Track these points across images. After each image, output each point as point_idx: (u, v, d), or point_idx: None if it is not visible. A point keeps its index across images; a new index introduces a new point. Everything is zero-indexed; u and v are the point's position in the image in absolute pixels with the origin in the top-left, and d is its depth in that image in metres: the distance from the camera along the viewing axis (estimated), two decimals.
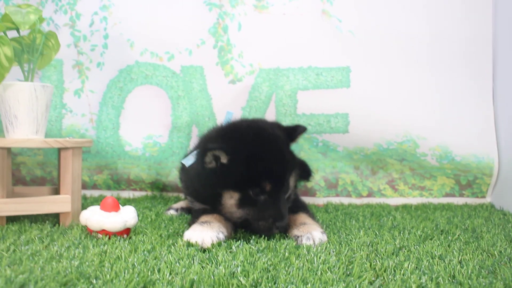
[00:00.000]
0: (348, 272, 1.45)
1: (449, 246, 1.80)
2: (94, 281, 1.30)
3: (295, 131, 2.07)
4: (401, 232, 2.04)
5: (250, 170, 1.82)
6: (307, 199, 2.90)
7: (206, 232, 1.73)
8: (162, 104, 2.93)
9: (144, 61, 2.92)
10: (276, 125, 2.08)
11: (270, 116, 2.88)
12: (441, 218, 2.41)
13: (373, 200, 2.96)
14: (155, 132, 2.94)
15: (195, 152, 1.96)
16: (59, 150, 2.20)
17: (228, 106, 2.88)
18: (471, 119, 2.91)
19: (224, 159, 1.82)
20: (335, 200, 2.97)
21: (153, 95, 2.93)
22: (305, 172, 2.61)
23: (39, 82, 2.31)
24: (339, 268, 1.47)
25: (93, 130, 2.92)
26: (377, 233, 2.02)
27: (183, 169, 2.35)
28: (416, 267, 1.51)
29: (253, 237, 1.85)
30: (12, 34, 2.20)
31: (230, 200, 1.87)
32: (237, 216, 1.90)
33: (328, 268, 1.46)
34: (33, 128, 2.17)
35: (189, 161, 1.96)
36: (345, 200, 2.96)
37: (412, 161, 2.92)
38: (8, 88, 2.11)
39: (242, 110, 2.89)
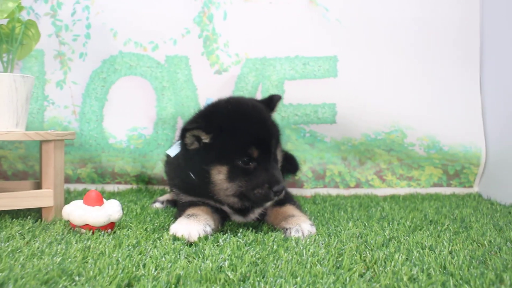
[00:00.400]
0: (338, 265, 1.42)
1: (439, 236, 1.78)
2: (77, 278, 1.26)
3: (272, 100, 2.07)
4: (390, 223, 2.02)
5: (234, 140, 1.80)
6: (294, 191, 2.87)
7: (192, 226, 1.69)
8: (147, 95, 2.88)
9: (128, 51, 2.86)
10: (253, 99, 2.10)
11: None
12: (429, 208, 2.40)
13: (361, 191, 2.94)
14: (140, 124, 2.89)
15: (178, 142, 1.92)
16: (41, 143, 2.14)
17: (214, 97, 2.82)
18: (458, 108, 2.90)
19: (205, 138, 1.81)
20: (323, 191, 2.94)
21: (137, 86, 2.87)
22: (292, 166, 2.58)
23: (19, 73, 2.25)
24: (328, 260, 1.45)
25: (76, 123, 2.85)
26: (366, 224, 2.00)
27: (168, 161, 2.33)
28: (407, 258, 1.49)
29: (241, 230, 1.82)
30: None
31: (219, 175, 1.82)
32: (231, 192, 1.83)
33: (317, 261, 1.44)
34: (13, 121, 2.10)
35: (173, 151, 1.93)
36: (333, 191, 2.94)
37: (400, 151, 2.90)
38: None
39: None
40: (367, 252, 1.54)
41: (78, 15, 2.84)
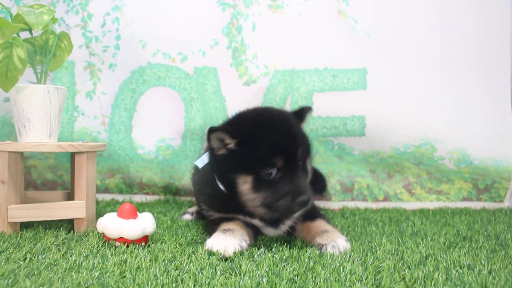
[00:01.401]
0: (378, 283, 1.40)
1: (476, 254, 1.75)
2: None
3: (302, 111, 2.01)
4: (424, 239, 1.99)
5: (259, 150, 1.76)
6: (321, 203, 2.85)
7: (229, 240, 1.68)
8: (175, 106, 2.88)
9: (157, 62, 2.87)
10: (281, 109, 2.04)
11: None
12: (461, 224, 2.36)
13: (389, 205, 2.90)
14: (168, 135, 2.89)
15: (207, 153, 1.92)
16: (73, 154, 2.15)
17: (242, 108, 2.83)
18: (489, 121, 2.86)
19: (230, 143, 1.79)
20: (351, 204, 2.91)
21: (166, 97, 2.88)
22: (320, 184, 2.54)
23: (52, 85, 2.27)
24: (367, 278, 1.43)
25: (105, 133, 2.87)
26: (400, 240, 1.97)
27: (195, 175, 2.32)
28: (447, 278, 1.46)
29: (275, 244, 1.80)
30: (24, 35, 2.16)
31: (245, 185, 1.79)
32: (258, 203, 1.80)
33: (356, 279, 1.42)
34: (46, 132, 2.13)
35: (202, 162, 1.92)
36: (361, 205, 2.91)
37: (429, 165, 2.87)
38: (21, 91, 2.07)
39: None
40: (405, 270, 1.51)
41: (108, 27, 2.86)
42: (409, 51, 2.86)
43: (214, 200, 1.98)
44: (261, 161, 1.76)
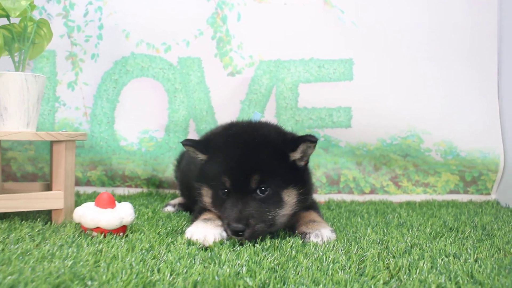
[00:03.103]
0: (361, 272, 1.36)
1: (462, 244, 1.71)
2: (89, 283, 1.20)
3: (295, 140, 1.75)
4: (410, 230, 1.96)
5: (216, 167, 1.75)
6: None
7: (209, 230, 1.64)
8: (159, 98, 2.83)
9: (140, 52, 2.82)
10: (273, 130, 1.88)
11: (270, 110, 2.80)
12: (447, 216, 2.34)
13: (376, 197, 2.88)
14: (151, 127, 2.84)
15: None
16: (52, 143, 2.09)
17: (226, 100, 2.79)
18: (476, 113, 2.84)
19: (202, 157, 1.82)
20: (337, 197, 2.88)
21: (149, 88, 2.83)
22: None
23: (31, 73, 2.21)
24: (350, 267, 1.39)
25: (87, 124, 2.81)
26: (385, 230, 1.94)
27: (178, 167, 2.28)
28: (432, 266, 1.42)
29: None
30: (1, 22, 2.10)
31: (206, 197, 1.81)
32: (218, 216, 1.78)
33: (339, 268, 1.37)
34: (24, 121, 2.06)
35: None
36: (347, 197, 2.88)
37: (416, 157, 2.84)
38: None
39: (241, 103, 2.80)
40: (390, 259, 1.48)
41: (91, 16, 2.81)
42: (396, 42, 2.84)
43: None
44: (215, 178, 1.74)
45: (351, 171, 2.88)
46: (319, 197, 2.86)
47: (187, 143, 1.82)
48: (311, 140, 1.72)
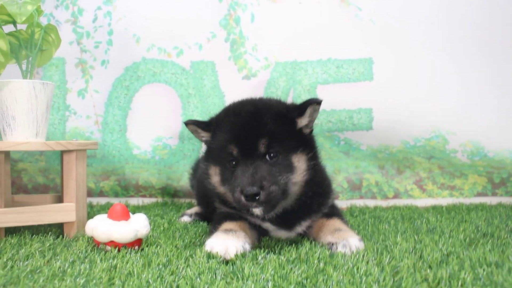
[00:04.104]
0: (397, 285, 1.25)
1: (502, 251, 1.59)
2: None
3: (303, 104, 1.75)
4: (441, 236, 1.84)
5: (221, 139, 1.72)
6: None
7: (230, 241, 1.54)
8: (172, 103, 2.75)
9: (151, 57, 2.74)
10: (275, 101, 1.88)
11: None
12: (478, 220, 2.21)
13: (400, 202, 2.76)
14: (165, 134, 2.75)
15: None
16: (62, 153, 2.01)
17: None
18: (504, 111, 2.72)
19: (204, 136, 1.83)
20: (359, 202, 2.77)
21: (162, 94, 2.75)
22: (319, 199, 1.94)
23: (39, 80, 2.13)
24: (385, 280, 1.27)
25: (99, 133, 2.73)
26: (416, 238, 1.82)
27: (194, 175, 2.21)
28: (474, 277, 1.30)
29: (280, 245, 1.65)
30: (8, 29, 2.02)
31: (215, 177, 1.77)
32: (231, 199, 1.70)
33: (372, 281, 1.26)
34: (33, 130, 1.98)
35: None
36: (370, 203, 2.76)
37: (441, 159, 2.72)
38: (4, 87, 1.92)
39: None
40: (427, 270, 1.36)
41: (100, 22, 2.73)
42: (416, 39, 2.74)
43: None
44: (223, 151, 1.70)
45: (373, 175, 2.76)
46: (341, 203, 2.74)
47: (189, 122, 1.83)
48: (316, 101, 1.72)
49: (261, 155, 1.65)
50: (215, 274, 1.33)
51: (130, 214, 1.68)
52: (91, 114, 2.74)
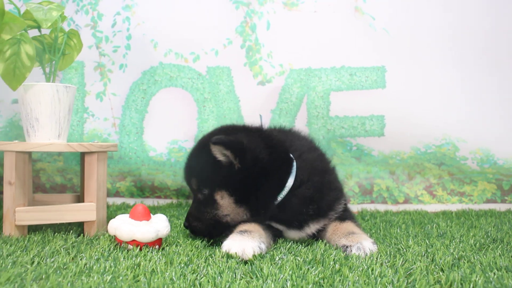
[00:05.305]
0: (411, 286, 1.30)
1: None
2: None
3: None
4: (452, 241, 1.89)
5: None
6: None
7: (247, 242, 1.58)
8: (188, 107, 2.79)
9: (168, 62, 2.79)
10: (234, 129, 1.99)
11: (301, 119, 2.74)
12: (488, 226, 2.25)
13: (410, 207, 2.80)
14: (181, 137, 2.80)
15: None
16: (83, 155, 2.07)
17: (257, 109, 2.75)
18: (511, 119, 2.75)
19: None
20: (370, 207, 2.81)
21: (178, 98, 2.79)
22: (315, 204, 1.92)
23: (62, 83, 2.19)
24: (399, 281, 1.32)
25: (116, 135, 2.79)
26: (427, 242, 1.86)
27: None
28: (486, 280, 1.35)
29: (297, 247, 1.70)
30: (32, 34, 2.08)
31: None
32: None
33: (387, 282, 1.31)
34: (55, 132, 2.04)
35: None
36: (381, 207, 2.80)
37: (451, 166, 2.76)
38: (29, 89, 1.99)
39: (272, 112, 2.76)
40: (439, 273, 1.41)
41: (119, 26, 2.79)
42: (428, 48, 2.77)
43: None
44: None
45: (384, 180, 2.81)
46: (352, 207, 2.78)
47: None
48: (212, 141, 1.73)
49: (195, 192, 1.90)
50: (235, 273, 1.38)
51: (151, 214, 1.74)
52: (109, 117, 2.80)
